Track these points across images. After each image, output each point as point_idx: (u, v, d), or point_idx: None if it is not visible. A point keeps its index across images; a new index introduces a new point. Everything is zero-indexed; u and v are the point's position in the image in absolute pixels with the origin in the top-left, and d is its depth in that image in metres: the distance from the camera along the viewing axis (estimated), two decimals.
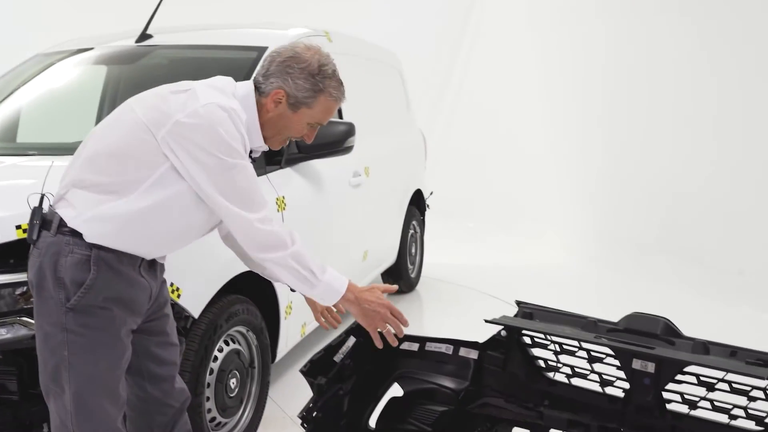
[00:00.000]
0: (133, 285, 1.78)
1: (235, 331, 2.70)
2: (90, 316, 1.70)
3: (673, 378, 2.17)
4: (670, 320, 2.22)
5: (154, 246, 1.82)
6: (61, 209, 1.74)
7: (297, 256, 1.83)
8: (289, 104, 1.86)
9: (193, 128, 1.71)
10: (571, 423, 2.34)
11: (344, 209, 3.73)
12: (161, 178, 1.74)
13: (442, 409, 2.50)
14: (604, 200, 7.16)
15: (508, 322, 2.33)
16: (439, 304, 5.17)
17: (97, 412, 1.74)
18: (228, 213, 1.76)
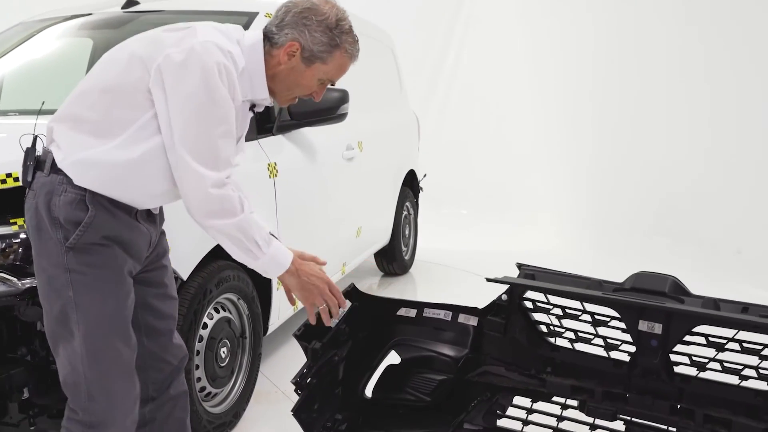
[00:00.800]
0: (132, 229, 1.70)
1: (226, 299, 2.61)
2: (91, 254, 1.62)
3: (681, 339, 2.09)
4: (678, 278, 2.14)
5: (140, 197, 1.72)
6: (52, 147, 1.66)
7: (243, 224, 1.69)
8: (303, 57, 1.77)
9: (181, 64, 1.61)
10: (574, 389, 2.27)
11: (337, 182, 3.64)
12: (145, 126, 1.65)
13: (441, 378, 2.43)
14: (598, 185, 7.11)
15: (509, 281, 2.24)
16: (434, 285, 5.10)
17: (110, 353, 1.66)
18: (183, 165, 1.63)
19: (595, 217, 6.86)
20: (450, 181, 7.53)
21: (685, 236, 6.01)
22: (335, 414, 2.40)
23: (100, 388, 1.66)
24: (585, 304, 2.21)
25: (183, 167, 1.64)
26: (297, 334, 2.28)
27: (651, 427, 2.18)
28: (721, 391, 2.07)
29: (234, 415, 2.65)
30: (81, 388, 1.66)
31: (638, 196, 6.70)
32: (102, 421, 1.68)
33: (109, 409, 1.68)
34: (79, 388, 1.66)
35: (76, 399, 1.67)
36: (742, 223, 5.78)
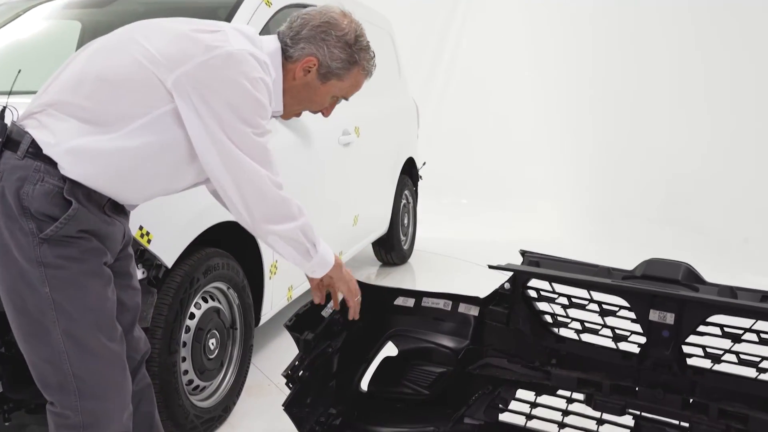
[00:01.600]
0: (107, 223, 1.58)
1: (214, 288, 2.49)
2: (67, 247, 1.49)
3: (695, 329, 1.98)
4: (691, 265, 2.02)
5: (132, 192, 1.61)
6: (33, 130, 1.51)
7: (306, 228, 1.71)
8: (320, 74, 1.70)
9: (221, 74, 1.51)
10: (581, 382, 2.16)
11: (333, 168, 3.52)
12: (157, 120, 1.53)
13: (440, 371, 2.33)
14: (600, 173, 7.01)
15: (513, 268, 2.13)
16: (433, 275, 4.99)
17: (97, 348, 1.53)
18: (240, 166, 1.56)
19: (598, 205, 6.75)
20: (449, 169, 7.43)
21: (691, 225, 5.90)
22: (329, 408, 2.29)
23: (92, 384, 1.53)
24: (592, 292, 2.10)
25: (244, 168, 1.56)
26: (288, 325, 2.17)
27: (662, 422, 2.07)
28: (737, 384, 1.96)
29: (224, 409, 2.53)
30: (69, 388, 1.52)
31: (642, 185, 6.59)
32: (97, 420, 1.54)
33: (104, 406, 1.55)
34: (67, 388, 1.52)
35: (65, 400, 1.53)
36: (750, 211, 5.67)
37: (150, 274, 2.08)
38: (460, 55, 8.52)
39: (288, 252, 1.73)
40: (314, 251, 1.76)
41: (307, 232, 1.72)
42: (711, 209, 5.92)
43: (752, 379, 1.94)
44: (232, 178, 1.57)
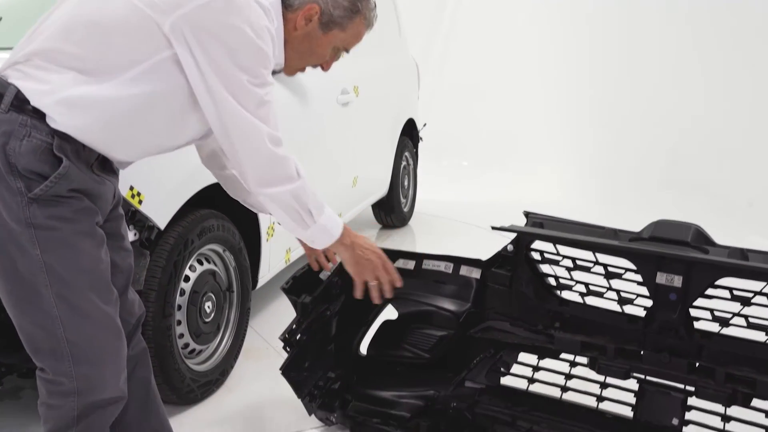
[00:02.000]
0: (97, 182, 1.49)
1: (210, 250, 2.43)
2: (59, 206, 1.40)
3: (703, 292, 1.92)
4: (701, 227, 1.96)
5: (126, 146, 1.52)
6: (18, 81, 1.41)
7: (299, 191, 1.60)
8: (321, 23, 1.62)
9: (221, 18, 1.41)
10: (584, 346, 2.11)
11: (331, 128, 3.44)
12: (156, 68, 1.43)
13: (441, 334, 2.28)
14: (602, 133, 6.90)
15: (516, 229, 2.06)
16: (434, 237, 4.94)
17: (91, 311, 1.46)
18: (238, 120, 1.48)
19: (600, 167, 6.66)
20: (450, 131, 7.33)
21: (695, 188, 5.83)
22: (328, 372, 2.25)
23: (87, 349, 1.46)
24: (597, 255, 2.04)
25: (238, 120, 1.48)
26: (285, 288, 2.12)
27: (667, 386, 2.03)
28: (746, 348, 1.91)
29: (221, 372, 2.50)
30: (63, 354, 1.44)
31: (644, 145, 6.49)
32: (92, 386, 1.47)
33: (99, 371, 1.48)
34: (60, 353, 1.44)
35: (58, 366, 1.45)
36: (755, 174, 5.58)
37: (142, 235, 2.02)
38: (462, 14, 8.34)
39: (281, 217, 1.65)
40: (311, 220, 1.65)
41: (302, 197, 1.61)
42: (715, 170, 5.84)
43: (761, 343, 1.89)
44: (226, 132, 1.50)
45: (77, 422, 1.48)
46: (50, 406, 1.49)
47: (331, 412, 2.22)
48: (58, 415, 1.48)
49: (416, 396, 2.28)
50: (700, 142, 6.08)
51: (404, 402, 2.25)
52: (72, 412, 1.47)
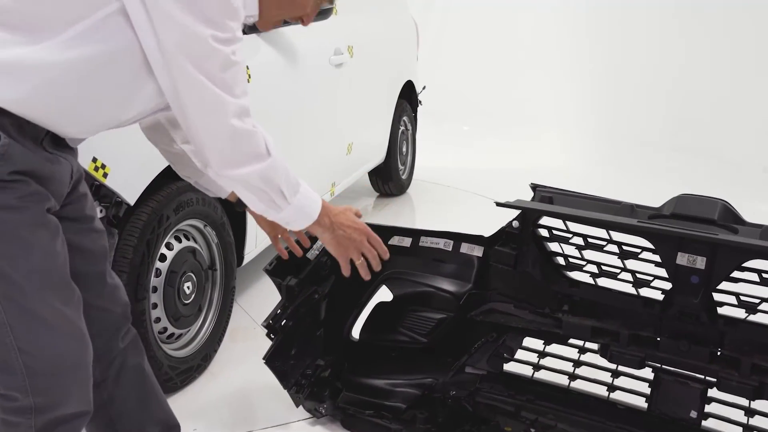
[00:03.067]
0: (50, 161, 1.27)
1: (189, 226, 2.25)
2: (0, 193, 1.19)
3: (728, 275, 1.74)
4: (729, 203, 1.77)
5: (72, 121, 1.29)
6: None
7: (268, 172, 1.38)
8: None
9: None
10: (595, 331, 1.95)
11: (324, 91, 3.24)
12: (99, 26, 1.21)
13: (440, 317, 2.13)
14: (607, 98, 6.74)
15: (523, 205, 1.88)
16: (433, 206, 4.78)
17: (46, 314, 1.26)
18: (197, 89, 1.25)
19: (606, 131, 6.49)
20: (451, 94, 7.12)
21: (705, 153, 5.64)
22: (317, 359, 2.12)
23: (43, 359, 1.26)
24: (611, 232, 1.85)
25: (196, 92, 1.25)
26: (268, 269, 1.96)
27: (686, 377, 1.87)
28: None
29: (203, 357, 2.34)
30: (15, 366, 1.25)
31: (652, 110, 6.31)
32: (53, 401, 1.29)
33: (59, 383, 1.29)
34: (11, 365, 1.25)
35: (10, 380, 1.26)
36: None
37: (109, 212, 1.84)
38: None
39: (249, 199, 1.42)
40: (283, 201, 1.44)
41: (273, 177, 1.39)
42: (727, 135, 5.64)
43: None
44: (181, 102, 1.27)
45: None
46: (7, 423, 1.30)
47: (320, 403, 2.08)
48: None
49: (412, 384, 2.14)
50: (712, 106, 5.88)
51: (399, 391, 2.12)
52: (30, 430, 1.29)
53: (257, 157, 1.35)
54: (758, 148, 5.40)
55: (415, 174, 5.22)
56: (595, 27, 6.95)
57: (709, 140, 5.72)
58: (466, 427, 1.98)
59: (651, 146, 5.98)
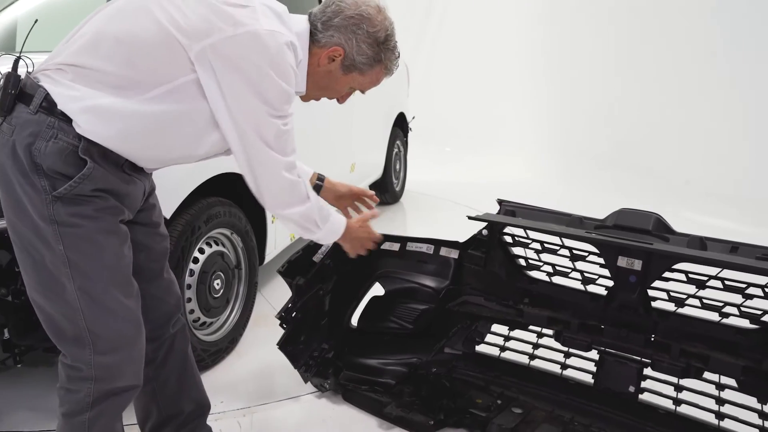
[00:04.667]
0: (127, 182, 1.25)
1: (218, 233, 2.17)
2: (82, 205, 1.17)
3: (660, 275, 1.66)
4: (661, 216, 1.69)
5: (148, 156, 1.26)
6: (48, 85, 1.16)
7: (308, 212, 1.40)
8: (343, 65, 1.36)
9: (246, 54, 1.17)
10: (551, 320, 1.87)
11: (332, 121, 3.15)
12: (179, 89, 1.18)
13: (423, 308, 2.05)
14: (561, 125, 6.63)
15: (491, 218, 1.80)
16: (421, 213, 4.68)
17: (112, 305, 1.23)
18: (258, 153, 1.26)
19: (560, 152, 6.39)
20: (436, 122, 7.03)
21: (639, 169, 5.55)
22: (322, 343, 2.03)
23: (106, 340, 1.23)
24: (564, 239, 1.77)
25: (257, 152, 1.26)
26: (281, 271, 1.88)
27: (625, 358, 1.78)
28: (700, 327, 1.66)
29: (231, 341, 2.26)
30: (85, 342, 1.22)
31: (597, 134, 6.21)
32: (110, 374, 1.25)
33: (116, 360, 1.25)
34: (83, 341, 1.22)
35: (79, 354, 1.23)
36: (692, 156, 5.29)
37: None
38: (446, 24, 8.02)
39: (292, 228, 1.44)
40: (317, 229, 1.45)
41: (310, 215, 1.41)
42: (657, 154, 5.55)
43: (715, 322, 1.63)
44: (246, 159, 1.26)
45: (92, 407, 1.26)
46: (68, 390, 1.27)
47: (325, 380, 1.99)
48: (74, 399, 1.26)
49: (400, 363, 2.05)
50: (644, 130, 5.78)
51: (390, 369, 2.03)
52: (88, 398, 1.25)
53: (300, 201, 1.37)
54: (681, 165, 5.31)
55: (407, 186, 5.11)
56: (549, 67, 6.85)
57: (642, 159, 5.62)
58: (444, 400, 1.89)
59: (597, 164, 5.88)
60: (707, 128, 5.28)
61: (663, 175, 5.32)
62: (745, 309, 1.57)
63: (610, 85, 6.20)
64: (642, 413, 1.76)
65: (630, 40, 6.10)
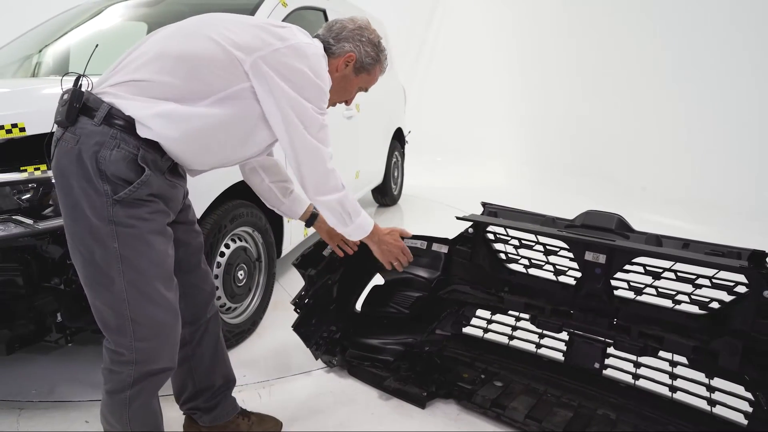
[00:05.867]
0: (172, 187, 1.24)
1: (242, 231, 2.16)
2: (138, 208, 1.17)
3: (622, 268, 1.64)
4: (623, 216, 1.67)
5: (202, 156, 1.26)
6: (111, 99, 1.16)
7: (344, 199, 1.40)
8: (355, 68, 1.43)
9: (291, 61, 1.22)
10: (527, 306, 1.85)
11: (339, 135, 3.13)
12: (233, 95, 1.20)
13: (418, 295, 2.03)
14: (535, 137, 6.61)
15: (475, 218, 1.77)
16: (416, 213, 4.65)
17: (155, 297, 1.21)
18: (305, 143, 1.27)
19: (534, 161, 6.38)
20: (429, 136, 7.01)
21: (602, 175, 5.52)
22: (330, 326, 2.00)
23: (148, 329, 1.21)
24: (539, 236, 1.75)
25: (304, 143, 1.27)
26: (295, 264, 1.85)
27: (591, 338, 1.76)
28: (656, 312, 1.64)
29: (252, 323, 2.24)
30: (126, 331, 1.20)
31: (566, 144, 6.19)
32: (148, 357, 1.24)
33: (155, 345, 1.23)
34: (125, 330, 1.20)
35: (121, 340, 1.21)
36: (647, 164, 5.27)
37: None
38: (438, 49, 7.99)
39: (329, 217, 1.42)
40: (350, 221, 1.44)
41: (345, 204, 1.40)
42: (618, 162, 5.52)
43: (669, 308, 1.61)
44: (293, 150, 1.27)
45: (132, 386, 1.24)
46: (111, 371, 1.25)
47: (333, 357, 1.97)
48: (117, 379, 1.24)
49: (398, 342, 2.03)
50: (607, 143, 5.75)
51: (389, 348, 2.01)
52: (129, 378, 1.23)
53: (337, 189, 1.37)
54: (638, 172, 5.28)
55: (403, 191, 5.10)
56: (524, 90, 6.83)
57: (605, 167, 5.60)
58: (435, 374, 1.88)
59: (566, 172, 5.86)
60: (660, 141, 5.25)
61: (623, 181, 5.29)
62: (695, 297, 1.55)
63: (576, 103, 6.18)
64: (606, 386, 1.74)
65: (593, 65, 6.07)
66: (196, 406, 1.51)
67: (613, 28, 5.81)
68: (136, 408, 1.24)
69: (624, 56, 5.71)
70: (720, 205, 4.54)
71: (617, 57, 5.79)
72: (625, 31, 5.69)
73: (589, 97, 6.03)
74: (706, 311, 1.55)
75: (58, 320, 1.57)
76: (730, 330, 1.48)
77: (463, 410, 1.77)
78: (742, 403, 1.51)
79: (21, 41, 2.78)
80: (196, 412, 1.52)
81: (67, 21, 2.84)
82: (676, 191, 4.90)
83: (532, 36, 6.78)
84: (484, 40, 7.34)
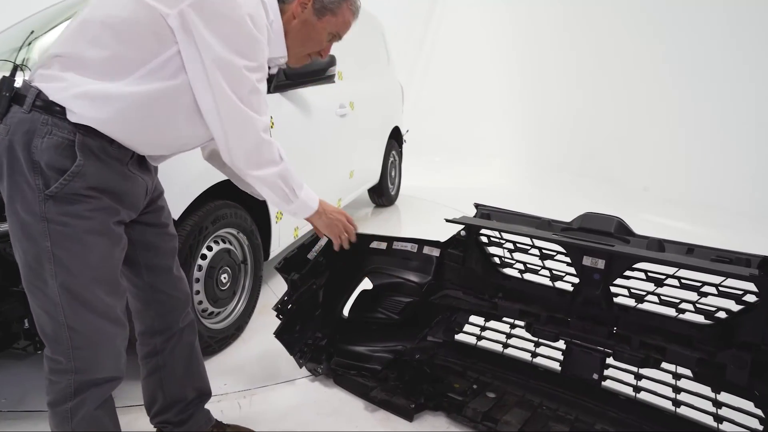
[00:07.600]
0: (126, 179, 1.10)
1: (226, 233, 2.05)
2: (74, 204, 1.03)
3: (622, 274, 1.53)
4: (623, 219, 1.56)
5: (148, 141, 1.11)
6: (40, 83, 1.03)
7: (284, 173, 1.22)
8: (315, 9, 1.23)
9: (220, 8, 1.04)
10: (522, 313, 1.74)
11: (332, 134, 3.02)
12: (162, 67, 1.04)
13: (408, 300, 1.92)
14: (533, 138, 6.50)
15: (467, 221, 1.67)
16: (413, 213, 4.54)
17: (93, 302, 1.09)
18: (233, 110, 1.09)
19: (531, 161, 6.27)
20: (427, 136, 6.89)
21: (603, 176, 5.41)
22: (316, 332, 1.89)
23: (85, 336, 1.10)
24: (534, 240, 1.64)
25: (231, 109, 1.09)
26: (278, 267, 1.74)
27: (589, 348, 1.65)
28: (658, 321, 1.53)
29: (237, 328, 2.14)
30: (63, 337, 1.08)
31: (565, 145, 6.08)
32: (88, 366, 1.12)
33: (97, 354, 1.12)
34: (61, 337, 1.08)
35: (58, 348, 1.10)
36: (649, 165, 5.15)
37: None
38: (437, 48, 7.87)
39: (269, 195, 1.24)
40: (294, 196, 1.27)
41: (286, 177, 1.23)
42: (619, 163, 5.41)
43: (672, 317, 1.50)
44: (219, 118, 1.09)
45: (74, 397, 1.12)
46: (51, 381, 1.13)
47: (318, 365, 1.87)
48: (57, 389, 1.13)
49: (387, 350, 1.93)
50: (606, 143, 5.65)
51: (376, 356, 1.90)
52: (69, 388, 1.12)
53: (274, 162, 1.19)
54: (639, 173, 5.16)
55: (401, 191, 4.98)
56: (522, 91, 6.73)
57: (605, 167, 5.49)
58: (425, 385, 1.77)
59: (564, 172, 5.75)
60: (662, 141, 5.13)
61: (623, 182, 5.18)
62: (700, 306, 1.44)
63: (575, 103, 6.07)
64: (604, 399, 1.63)
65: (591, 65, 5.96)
66: (167, 420, 1.41)
67: (612, 29, 5.70)
68: (79, 421, 1.12)
69: (623, 56, 5.60)
70: (723, 207, 4.42)
71: (616, 57, 5.68)
72: (625, 32, 5.58)
73: (588, 97, 5.92)
74: (712, 321, 1.44)
75: (25, 326, 1.46)
76: (738, 342, 1.37)
77: (453, 423, 1.65)
78: (752, 421, 1.39)
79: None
80: (167, 426, 1.41)
81: (43, 19, 2.73)
82: (679, 192, 4.79)
83: (531, 36, 6.68)
84: (483, 40, 7.24)
